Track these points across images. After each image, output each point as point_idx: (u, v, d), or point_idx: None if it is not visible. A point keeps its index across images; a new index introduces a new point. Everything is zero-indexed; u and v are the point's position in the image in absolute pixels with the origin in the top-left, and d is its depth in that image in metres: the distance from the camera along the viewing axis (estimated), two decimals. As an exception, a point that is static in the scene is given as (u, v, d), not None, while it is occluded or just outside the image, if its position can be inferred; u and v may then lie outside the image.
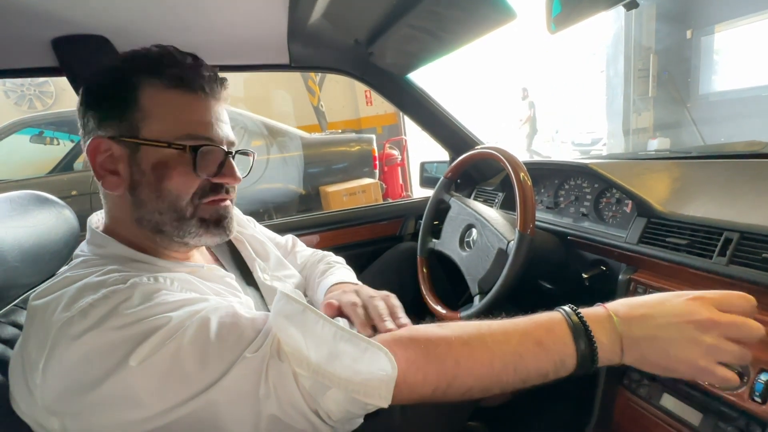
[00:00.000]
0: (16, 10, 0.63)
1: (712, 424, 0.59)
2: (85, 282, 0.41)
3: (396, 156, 4.45)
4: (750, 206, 0.64)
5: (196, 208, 0.51)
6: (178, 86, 0.48)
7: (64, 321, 0.36)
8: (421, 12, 0.77)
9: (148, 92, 0.47)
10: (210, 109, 0.51)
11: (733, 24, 4.50)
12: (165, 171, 0.48)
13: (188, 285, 0.46)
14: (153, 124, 0.47)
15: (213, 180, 0.51)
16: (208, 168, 0.50)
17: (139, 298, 0.39)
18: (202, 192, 0.51)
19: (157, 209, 0.49)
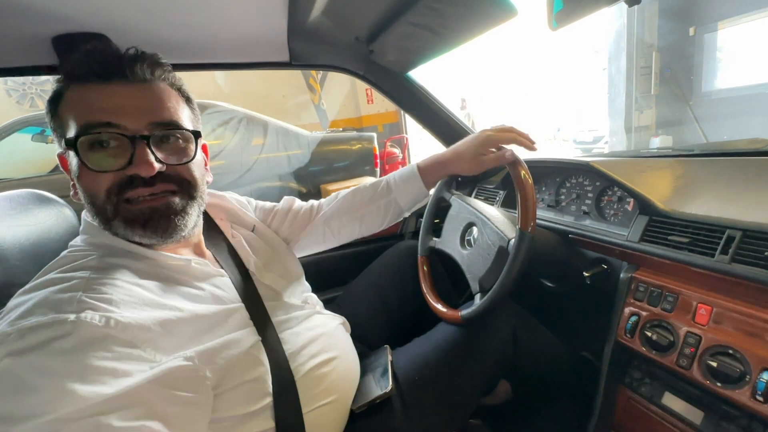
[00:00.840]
0: (16, 7, 0.63)
1: (714, 423, 0.59)
2: (48, 295, 0.40)
3: (397, 154, 4.45)
4: (753, 204, 0.64)
5: (116, 207, 0.47)
6: (79, 80, 0.47)
7: (2, 334, 0.36)
8: (421, 9, 0.76)
9: (63, 99, 0.48)
10: (113, 93, 0.47)
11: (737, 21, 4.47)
12: (77, 172, 0.47)
13: (142, 333, 0.41)
14: (68, 129, 0.47)
15: (127, 172, 0.47)
16: (110, 161, 0.46)
17: (74, 342, 0.37)
18: (119, 187, 0.47)
19: (90, 212, 0.49)
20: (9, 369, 0.34)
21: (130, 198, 0.47)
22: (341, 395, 0.65)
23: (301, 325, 0.68)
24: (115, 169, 0.46)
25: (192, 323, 0.48)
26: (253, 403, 0.52)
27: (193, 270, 0.54)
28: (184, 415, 0.42)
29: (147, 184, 0.48)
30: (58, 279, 0.43)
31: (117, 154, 0.47)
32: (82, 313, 0.39)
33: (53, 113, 0.49)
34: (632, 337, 0.68)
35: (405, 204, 0.82)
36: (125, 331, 0.40)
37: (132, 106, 0.48)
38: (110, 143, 0.46)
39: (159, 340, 0.43)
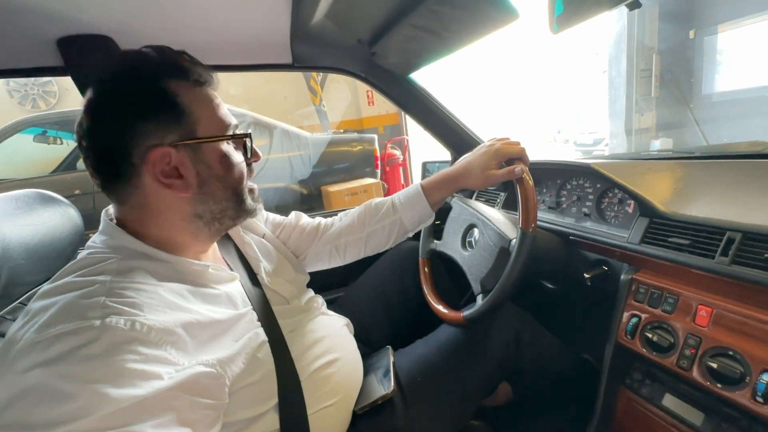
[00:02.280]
0: (22, 9, 0.64)
1: (715, 425, 0.59)
2: (71, 301, 0.40)
3: (398, 156, 4.45)
4: (753, 206, 0.64)
5: (247, 188, 0.58)
6: (201, 84, 0.52)
7: (29, 344, 0.37)
8: (423, 12, 0.77)
9: (184, 95, 0.50)
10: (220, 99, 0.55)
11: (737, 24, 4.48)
12: (229, 162, 0.53)
13: (166, 336, 0.42)
14: (204, 123, 0.51)
15: (249, 161, 0.58)
16: (252, 150, 0.57)
17: (102, 347, 0.37)
18: (247, 173, 0.58)
19: (224, 198, 0.54)
20: (40, 379, 0.35)
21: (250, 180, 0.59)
22: (345, 396, 0.65)
23: (306, 327, 0.68)
24: (250, 158, 0.59)
25: (210, 327, 0.49)
26: (259, 405, 0.53)
27: (210, 275, 0.55)
28: (206, 420, 0.44)
29: None
30: (80, 283, 0.43)
31: None
32: (107, 318, 0.39)
33: (170, 107, 0.48)
34: (633, 338, 0.68)
35: (410, 224, 0.82)
36: (150, 334, 0.41)
37: None
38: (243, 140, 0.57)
39: (181, 343, 0.43)
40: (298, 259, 0.85)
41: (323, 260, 0.87)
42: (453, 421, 0.72)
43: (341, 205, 3.41)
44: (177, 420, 0.40)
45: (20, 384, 0.34)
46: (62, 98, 4.55)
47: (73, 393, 0.34)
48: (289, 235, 0.85)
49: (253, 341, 0.54)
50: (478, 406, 0.78)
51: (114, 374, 0.37)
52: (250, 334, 0.54)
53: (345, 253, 0.85)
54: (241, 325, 0.55)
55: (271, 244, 0.79)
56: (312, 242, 0.85)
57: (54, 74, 0.83)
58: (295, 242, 0.85)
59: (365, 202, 0.87)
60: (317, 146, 3.60)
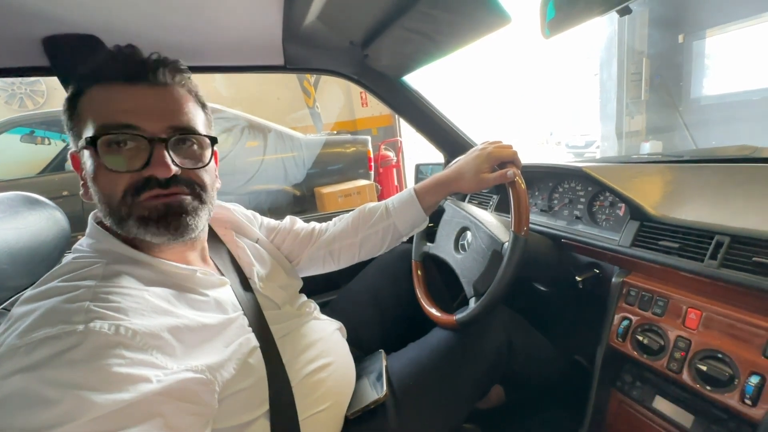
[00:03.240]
0: (5, 8, 0.62)
1: (704, 426, 0.60)
2: (55, 306, 0.39)
3: (391, 158, 4.45)
4: (741, 210, 0.65)
5: (131, 207, 0.47)
6: (103, 80, 0.48)
7: (10, 349, 0.36)
8: (415, 15, 0.77)
9: (83, 97, 0.48)
10: (136, 94, 0.48)
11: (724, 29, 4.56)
12: (94, 173, 0.47)
13: (152, 340, 0.41)
14: (86, 128, 0.47)
15: (144, 174, 0.47)
16: (128, 162, 0.46)
17: (85, 352, 0.36)
18: (135, 188, 0.47)
19: (103, 212, 0.49)
20: (21, 385, 0.34)
21: (146, 198, 0.48)
22: (337, 401, 0.65)
23: (298, 332, 0.68)
24: (132, 170, 0.47)
25: (198, 331, 0.48)
26: (250, 411, 0.52)
27: (198, 279, 0.54)
28: (194, 426, 0.42)
29: (161, 186, 0.48)
30: (65, 288, 0.42)
31: (135, 155, 0.47)
32: (91, 323, 0.38)
33: (71, 111, 0.49)
34: (624, 341, 0.69)
35: (404, 228, 0.81)
36: (135, 338, 0.40)
37: (152, 108, 0.48)
38: (128, 144, 0.47)
39: (168, 347, 0.43)
40: (292, 263, 0.84)
41: (317, 265, 0.86)
42: (446, 425, 0.72)
43: (334, 207, 3.40)
44: (164, 426, 0.39)
45: (3, 390, 0.33)
46: (50, 98, 4.48)
47: (56, 398, 0.33)
48: (283, 239, 0.84)
49: (245, 347, 0.53)
50: (471, 409, 0.78)
51: (98, 379, 0.36)
52: (241, 340, 0.54)
53: (339, 257, 0.85)
54: (231, 330, 0.54)
55: (265, 249, 0.79)
56: (306, 247, 0.85)
57: (40, 74, 0.81)
58: (289, 247, 0.84)
59: (359, 207, 0.86)
60: (311, 148, 3.59)
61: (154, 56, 0.50)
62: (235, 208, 0.78)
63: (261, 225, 0.84)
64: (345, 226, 0.84)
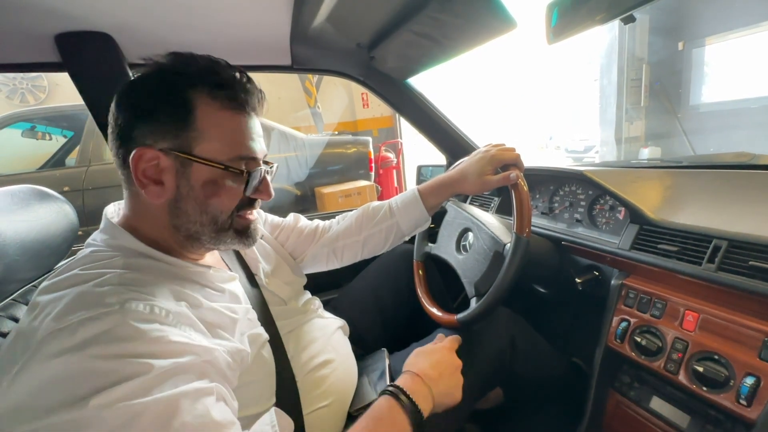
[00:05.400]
0: (20, 4, 0.63)
1: (700, 427, 0.61)
2: (85, 290, 0.40)
3: (391, 159, 4.47)
4: (738, 215, 0.66)
5: (232, 221, 0.53)
6: (232, 107, 0.50)
7: (51, 332, 0.36)
8: (423, 18, 0.78)
9: (204, 111, 0.48)
10: (255, 126, 0.53)
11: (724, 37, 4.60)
12: (215, 189, 0.50)
13: (183, 319, 0.44)
14: (208, 143, 0.48)
15: (251, 196, 0.54)
16: (254, 187, 0.54)
17: (128, 328, 0.38)
18: (240, 206, 0.54)
19: (199, 221, 0.51)
20: (73, 363, 0.34)
21: (243, 214, 0.55)
22: (339, 397, 0.66)
23: (302, 329, 0.69)
24: (248, 194, 0.54)
25: (216, 319, 0.50)
26: (258, 404, 0.53)
27: (211, 276, 0.56)
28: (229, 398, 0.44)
29: (255, 205, 0.57)
30: (89, 275, 0.43)
31: (256, 182, 0.54)
32: (126, 303, 0.40)
33: (183, 118, 0.48)
34: (622, 342, 0.70)
35: (407, 228, 0.82)
36: (168, 317, 0.42)
37: (260, 138, 0.55)
38: (258, 173, 0.54)
39: (196, 326, 0.45)
40: (295, 261, 0.85)
41: (321, 262, 0.87)
42: (447, 424, 0.73)
43: (335, 207, 3.41)
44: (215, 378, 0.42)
45: (53, 368, 0.34)
46: (52, 93, 4.47)
47: (113, 368, 0.35)
48: (287, 236, 0.85)
49: (257, 339, 0.55)
50: (472, 408, 0.79)
51: (147, 349, 0.37)
52: (253, 332, 0.55)
53: (342, 255, 0.86)
54: (244, 321, 0.55)
55: (270, 245, 0.80)
56: (310, 244, 0.86)
57: (51, 70, 0.82)
58: (293, 244, 0.85)
59: (363, 206, 0.87)
60: (313, 148, 3.60)
61: (259, 89, 0.54)
62: None
63: (265, 222, 0.85)
64: (349, 224, 0.85)
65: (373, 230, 0.83)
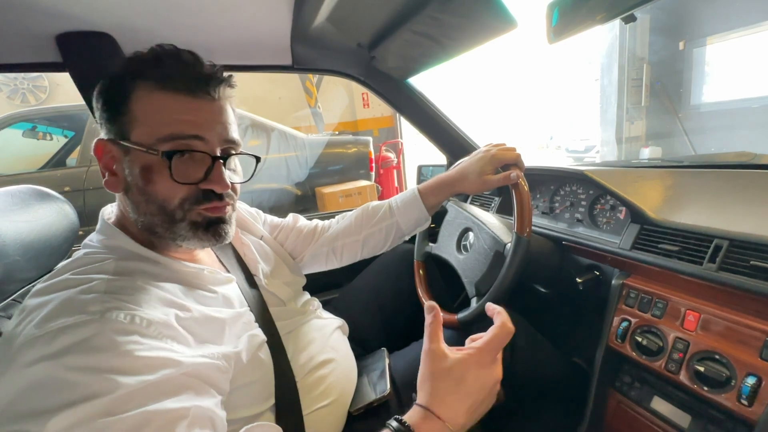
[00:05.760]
0: (21, 5, 0.64)
1: (701, 427, 0.60)
2: (70, 296, 0.40)
3: (392, 159, 4.47)
4: (739, 215, 0.66)
5: (186, 213, 0.50)
6: (166, 87, 0.48)
7: (30, 339, 0.36)
8: (423, 18, 0.78)
9: (138, 95, 0.48)
10: (200, 108, 0.49)
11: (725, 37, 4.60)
12: (150, 176, 0.48)
13: (166, 330, 0.42)
14: (140, 127, 0.47)
15: (201, 186, 0.50)
16: (189, 174, 0.48)
17: (105, 339, 0.37)
18: (195, 199, 0.50)
19: (147, 211, 0.49)
20: (47, 372, 0.34)
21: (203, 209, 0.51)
22: (339, 397, 0.66)
23: (301, 329, 0.69)
24: (193, 182, 0.49)
25: (207, 325, 0.49)
26: (257, 405, 0.53)
27: (205, 277, 0.55)
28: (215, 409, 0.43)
29: (219, 198, 0.52)
30: (78, 280, 0.43)
31: (197, 168, 0.49)
32: (107, 313, 0.39)
33: (118, 105, 0.48)
34: (623, 342, 0.70)
35: (407, 227, 0.82)
36: (150, 328, 0.41)
37: (213, 122, 0.50)
38: (194, 156, 0.49)
39: (181, 338, 0.44)
40: (295, 260, 0.85)
41: (320, 262, 0.87)
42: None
43: (335, 207, 3.41)
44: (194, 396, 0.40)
45: (27, 377, 0.34)
46: (52, 93, 4.48)
47: (83, 381, 0.34)
48: (286, 236, 0.85)
49: (254, 340, 0.55)
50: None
51: (121, 363, 0.37)
52: (250, 334, 0.55)
53: (342, 255, 0.86)
54: (239, 325, 0.55)
55: (269, 245, 0.80)
56: (309, 244, 0.86)
57: (52, 70, 0.82)
58: (292, 244, 0.85)
59: (363, 205, 0.87)
60: (313, 148, 3.60)
61: (215, 71, 0.51)
62: (240, 206, 0.79)
63: (264, 222, 0.85)
64: (348, 223, 0.85)
65: (372, 229, 0.83)
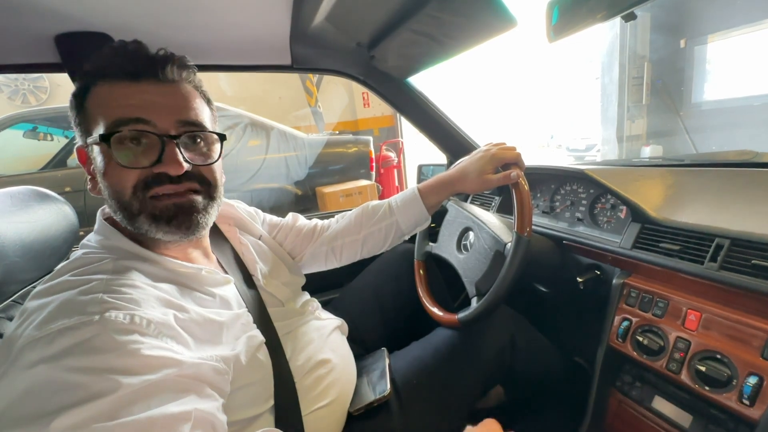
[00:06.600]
0: (20, 5, 0.63)
1: (702, 426, 0.60)
2: (69, 298, 0.40)
3: (392, 158, 4.47)
4: (741, 214, 0.66)
5: (141, 203, 0.48)
6: (108, 77, 0.48)
7: (30, 341, 0.36)
8: (423, 17, 0.78)
9: (90, 93, 0.49)
10: (144, 91, 0.48)
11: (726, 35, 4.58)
12: (104, 168, 0.48)
13: (166, 329, 0.42)
14: (94, 124, 0.48)
15: (154, 170, 0.48)
16: (138, 159, 0.47)
17: (105, 339, 0.37)
18: (144, 183, 0.48)
19: (112, 207, 0.49)
20: (47, 374, 0.34)
21: (156, 194, 0.48)
22: (339, 397, 0.66)
23: (300, 330, 0.69)
24: (144, 166, 0.47)
25: (205, 326, 0.49)
26: (256, 406, 0.53)
27: (203, 278, 0.55)
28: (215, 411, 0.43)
29: (173, 181, 0.49)
30: (76, 281, 0.43)
31: (146, 152, 0.47)
32: (106, 313, 0.39)
33: (79, 107, 0.50)
34: (624, 341, 0.69)
35: (406, 227, 0.82)
36: (150, 327, 0.41)
37: (161, 104, 0.49)
38: (141, 141, 0.47)
39: (180, 338, 0.44)
40: (294, 260, 0.85)
41: (320, 262, 0.87)
42: (448, 423, 0.73)
43: (336, 207, 3.41)
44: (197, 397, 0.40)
45: (28, 379, 0.34)
46: (53, 94, 4.48)
47: (83, 382, 0.34)
48: (285, 236, 0.85)
49: (252, 342, 0.54)
50: (473, 408, 0.79)
51: (122, 363, 0.37)
52: (248, 335, 0.55)
53: (341, 254, 0.86)
54: (237, 326, 0.55)
55: (268, 246, 0.79)
56: (309, 244, 0.85)
57: (51, 71, 0.82)
58: (291, 243, 0.85)
59: (362, 205, 0.87)
60: (313, 147, 3.60)
61: (161, 52, 0.51)
62: (238, 205, 0.79)
63: (263, 222, 0.84)
64: (348, 223, 0.85)
65: (372, 229, 0.83)
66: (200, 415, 0.39)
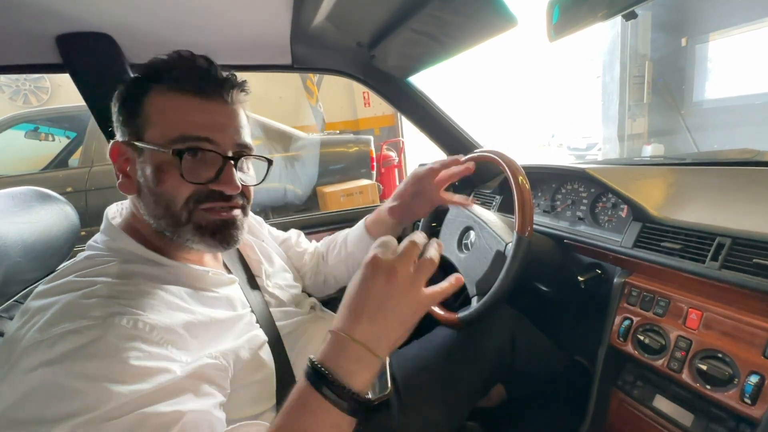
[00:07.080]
0: (21, 5, 0.64)
1: (704, 425, 0.60)
2: (73, 301, 0.40)
3: (393, 158, 4.47)
4: (742, 213, 0.66)
5: (191, 214, 0.50)
6: (178, 89, 0.49)
7: (32, 343, 0.37)
8: (423, 16, 0.78)
9: (152, 97, 0.49)
10: (212, 111, 0.50)
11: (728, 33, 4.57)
12: (159, 175, 0.49)
13: (168, 335, 0.42)
14: (152, 128, 0.49)
15: (210, 186, 0.50)
16: (200, 173, 0.49)
17: (107, 345, 0.37)
18: (198, 197, 0.50)
19: (156, 213, 0.50)
20: (47, 378, 0.35)
21: (207, 208, 0.51)
22: None
23: (302, 329, 0.69)
24: (202, 182, 0.50)
25: (210, 327, 0.49)
26: (259, 405, 0.53)
27: (209, 279, 0.56)
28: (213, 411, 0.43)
29: (224, 198, 0.52)
30: (81, 283, 0.43)
31: (207, 168, 0.50)
32: (110, 318, 0.39)
33: (131, 104, 0.50)
34: (625, 340, 0.69)
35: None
36: (152, 333, 0.41)
37: (225, 125, 0.51)
38: (204, 157, 0.50)
39: (182, 343, 0.44)
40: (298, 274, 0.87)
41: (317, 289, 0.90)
42: (449, 422, 0.73)
43: (337, 206, 3.41)
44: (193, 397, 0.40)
45: (28, 383, 0.34)
46: (54, 94, 4.49)
47: (80, 389, 0.34)
48: (287, 251, 0.87)
49: (254, 341, 0.55)
50: (473, 407, 0.79)
51: (120, 371, 0.37)
52: (250, 335, 0.55)
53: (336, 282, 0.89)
54: (240, 326, 0.55)
55: (271, 248, 0.80)
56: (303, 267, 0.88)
57: (52, 71, 0.82)
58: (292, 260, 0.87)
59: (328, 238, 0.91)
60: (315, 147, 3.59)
61: (228, 76, 0.53)
62: None
63: (268, 232, 0.86)
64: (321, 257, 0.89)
65: (335, 261, 0.86)
66: (193, 417, 0.39)
